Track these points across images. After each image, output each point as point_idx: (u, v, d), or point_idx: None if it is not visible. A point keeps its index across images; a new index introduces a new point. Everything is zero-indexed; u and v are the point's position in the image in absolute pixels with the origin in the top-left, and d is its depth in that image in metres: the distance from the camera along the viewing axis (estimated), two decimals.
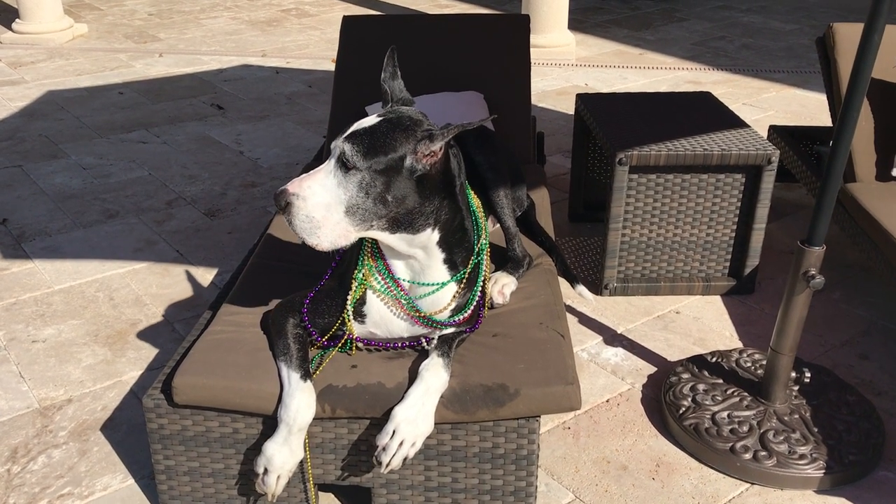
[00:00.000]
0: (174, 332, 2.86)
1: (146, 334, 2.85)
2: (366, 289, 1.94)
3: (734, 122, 3.17)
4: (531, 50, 3.54)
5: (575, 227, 3.61)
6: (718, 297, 3.07)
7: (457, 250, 1.92)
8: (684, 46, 6.53)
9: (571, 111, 5.04)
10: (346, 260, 2.03)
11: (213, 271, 3.27)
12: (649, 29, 7.04)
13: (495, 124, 3.19)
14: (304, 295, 2.03)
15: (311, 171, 1.75)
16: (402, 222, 1.78)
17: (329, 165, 1.73)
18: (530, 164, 3.18)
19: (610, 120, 3.18)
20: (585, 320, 2.93)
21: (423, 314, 1.92)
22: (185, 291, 3.12)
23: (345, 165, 1.71)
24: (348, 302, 1.94)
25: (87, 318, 2.95)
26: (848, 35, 3.13)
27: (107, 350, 2.76)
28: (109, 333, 2.86)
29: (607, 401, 2.51)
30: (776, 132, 3.73)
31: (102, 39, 6.76)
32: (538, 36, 6.08)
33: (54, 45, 6.55)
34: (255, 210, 3.80)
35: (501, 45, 3.42)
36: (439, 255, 1.89)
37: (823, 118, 4.87)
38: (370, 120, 1.78)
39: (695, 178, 2.92)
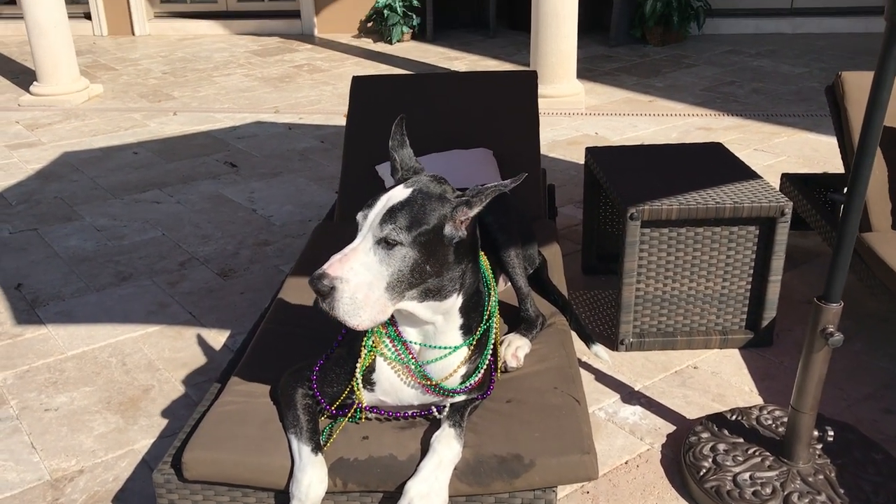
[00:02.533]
0: (187, 398, 2.84)
1: (158, 401, 2.83)
2: (375, 355, 1.91)
3: (746, 173, 3.15)
4: (540, 100, 3.55)
5: (589, 280, 3.58)
6: (736, 351, 3.02)
7: (473, 315, 1.91)
8: (694, 92, 6.55)
9: (582, 161, 5.02)
10: None
11: (226, 333, 3.26)
12: (658, 76, 7.08)
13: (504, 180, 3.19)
14: (313, 363, 2.01)
15: (347, 251, 1.71)
16: (433, 290, 1.78)
17: (367, 243, 1.70)
18: (541, 220, 3.17)
19: (620, 173, 3.17)
20: (602, 377, 2.89)
21: (432, 382, 1.89)
22: (197, 355, 3.10)
23: (386, 242, 1.69)
24: (357, 369, 1.91)
25: (99, 384, 2.94)
26: (857, 83, 3.12)
27: (119, 418, 2.74)
28: (122, 400, 2.84)
29: (626, 462, 2.46)
30: (789, 180, 3.71)
31: (117, 99, 6.87)
32: (547, 86, 6.11)
33: (70, 107, 6.65)
34: (267, 269, 3.80)
35: (509, 101, 3.44)
36: (458, 321, 1.88)
37: (836, 163, 4.85)
38: (400, 193, 1.76)
39: (708, 231, 2.89)
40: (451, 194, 1.79)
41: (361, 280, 1.68)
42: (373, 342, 1.90)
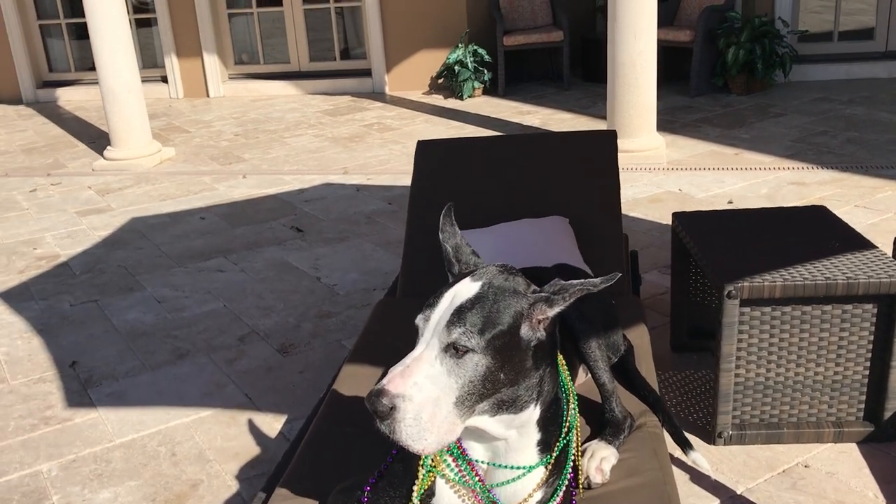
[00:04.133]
0: (237, 497, 2.60)
1: (206, 499, 2.60)
2: (435, 476, 1.64)
3: (856, 241, 2.79)
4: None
5: (679, 359, 3.24)
6: (854, 446, 2.63)
7: (552, 428, 1.62)
8: (783, 144, 6.15)
9: (665, 220, 4.71)
10: None
11: (282, 419, 3.03)
12: (744, 126, 6.70)
13: (583, 252, 2.90)
14: (363, 480, 1.74)
15: (408, 361, 1.46)
16: (507, 401, 1.51)
17: (432, 351, 1.45)
18: (624, 296, 2.86)
19: (712, 242, 2.85)
20: (698, 477, 2.54)
21: None
22: (250, 444, 2.88)
23: (455, 348, 1.44)
24: (414, 493, 1.64)
25: (146, 477, 2.73)
26: None
27: None
28: (168, 497, 2.62)
29: None
30: None
31: (189, 162, 6.86)
32: (625, 140, 5.81)
33: (142, 170, 6.66)
34: (329, 344, 3.58)
35: (586, 165, 3.16)
36: (535, 436, 1.60)
37: None
38: (467, 289, 1.51)
39: (817, 309, 2.54)
40: (526, 287, 1.53)
41: (427, 396, 1.42)
42: (432, 461, 1.63)
